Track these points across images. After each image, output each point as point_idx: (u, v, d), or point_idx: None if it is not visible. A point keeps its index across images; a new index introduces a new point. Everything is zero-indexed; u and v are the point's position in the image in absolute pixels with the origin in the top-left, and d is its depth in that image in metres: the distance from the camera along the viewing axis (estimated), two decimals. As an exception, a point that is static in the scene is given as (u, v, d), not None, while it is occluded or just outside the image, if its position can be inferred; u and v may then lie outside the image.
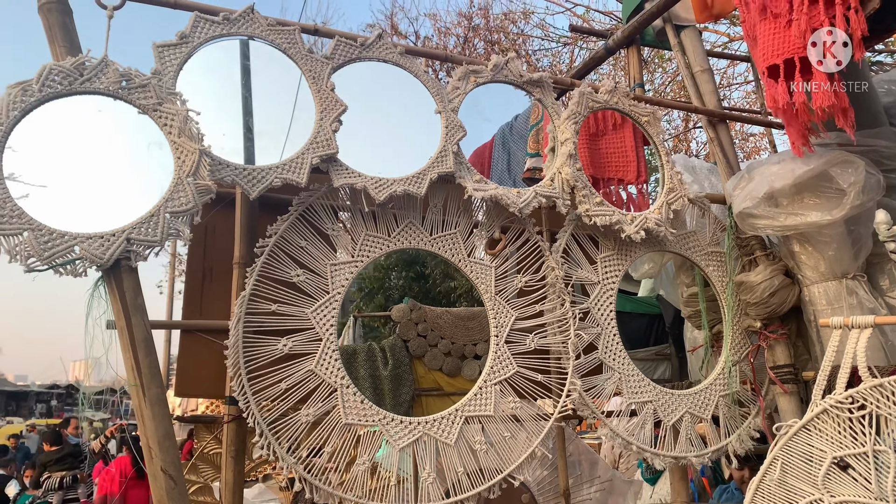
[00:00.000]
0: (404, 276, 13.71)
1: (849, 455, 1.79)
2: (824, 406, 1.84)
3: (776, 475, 1.89)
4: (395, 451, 2.16)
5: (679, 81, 11.11)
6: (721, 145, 2.92)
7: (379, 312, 10.28)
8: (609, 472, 2.87)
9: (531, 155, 3.05)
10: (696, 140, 12.89)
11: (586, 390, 2.42)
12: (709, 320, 2.88)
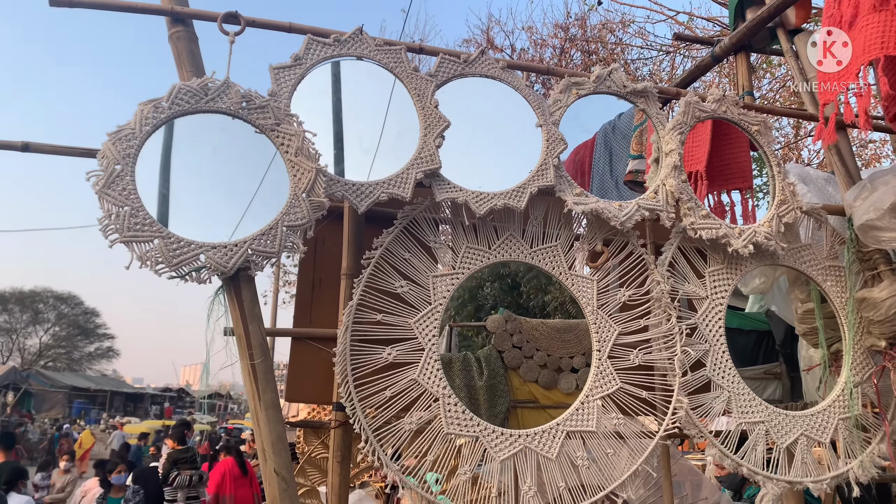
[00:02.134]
0: (497, 287, 13.72)
1: None
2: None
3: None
4: (496, 463, 2.17)
5: (788, 87, 10.58)
6: (840, 153, 2.76)
7: (474, 322, 10.34)
8: (716, 495, 2.75)
9: (634, 157, 2.99)
10: (807, 148, 12.23)
11: (693, 408, 2.34)
12: (826, 338, 2.72)
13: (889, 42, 2.08)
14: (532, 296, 12.30)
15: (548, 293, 12.20)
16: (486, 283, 13.78)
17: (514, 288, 13.04)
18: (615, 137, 3.94)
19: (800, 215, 2.61)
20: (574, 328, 3.27)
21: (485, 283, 13.80)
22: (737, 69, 3.49)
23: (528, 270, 13.63)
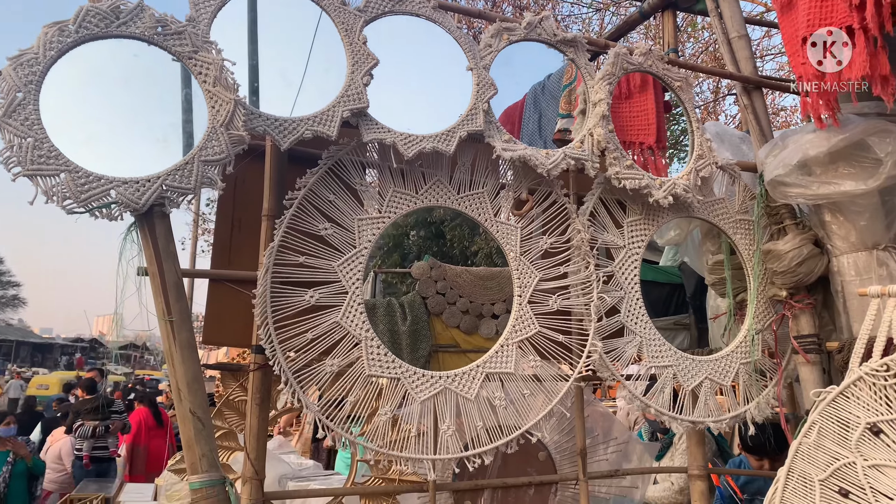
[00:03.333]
0: (423, 236, 13.76)
1: (882, 421, 1.79)
2: (860, 373, 1.84)
3: (814, 438, 1.90)
4: (417, 404, 2.20)
5: (710, 52, 10.88)
6: (755, 113, 2.87)
7: (399, 269, 10.36)
8: (625, 434, 2.90)
9: (563, 116, 3.02)
10: (724, 113, 12.66)
11: (607, 352, 2.43)
12: (733, 288, 2.87)
13: (815, 21, 2.15)
14: (457, 244, 12.40)
15: (472, 242, 12.33)
16: (411, 232, 13.79)
17: (440, 236, 13.11)
18: (544, 98, 3.96)
19: (715, 170, 2.71)
20: (497, 276, 3.32)
21: (410, 232, 13.80)
22: (663, 27, 3.55)
23: (453, 219, 13.69)
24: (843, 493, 1.87)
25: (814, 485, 1.91)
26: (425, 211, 14.73)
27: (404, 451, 2.17)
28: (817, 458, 1.93)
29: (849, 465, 1.86)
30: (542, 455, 2.71)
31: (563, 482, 2.71)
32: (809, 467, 1.94)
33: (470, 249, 11.73)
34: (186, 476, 1.89)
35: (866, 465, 1.83)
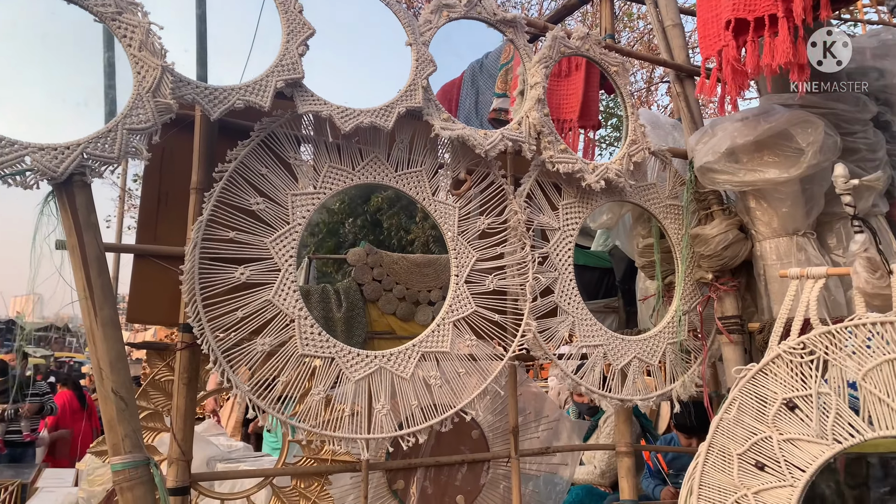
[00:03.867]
0: (359, 224, 13.59)
1: (797, 397, 1.88)
2: (779, 351, 1.92)
3: (734, 414, 1.98)
4: (351, 384, 2.18)
5: (645, 42, 11.12)
6: (687, 101, 2.94)
7: (334, 255, 10.21)
8: (557, 412, 2.95)
9: (499, 95, 3.02)
10: (657, 103, 12.98)
11: (540, 332, 2.46)
12: (662, 271, 2.95)
13: (740, 8, 2.20)
14: (394, 233, 12.31)
15: (409, 230, 12.26)
16: (347, 219, 13.60)
17: (377, 225, 12.98)
18: (482, 76, 3.96)
19: (648, 155, 2.77)
20: (434, 263, 3.31)
21: (346, 219, 13.61)
22: (600, 13, 3.58)
23: (390, 206, 13.56)
24: (760, 466, 1.96)
25: (732, 458, 1.99)
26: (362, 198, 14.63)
27: (338, 430, 2.15)
28: (736, 433, 2.01)
29: (765, 440, 1.95)
30: (475, 433, 2.73)
31: (495, 460, 2.74)
32: (729, 442, 2.02)
33: (407, 238, 11.69)
34: (108, 458, 1.81)
35: (781, 439, 1.91)
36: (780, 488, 1.91)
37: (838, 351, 1.80)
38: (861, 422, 1.77)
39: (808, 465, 1.86)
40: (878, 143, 2.48)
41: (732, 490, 1.99)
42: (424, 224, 12.75)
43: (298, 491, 2.40)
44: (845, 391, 1.79)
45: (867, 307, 1.82)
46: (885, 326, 1.73)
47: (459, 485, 2.67)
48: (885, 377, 1.74)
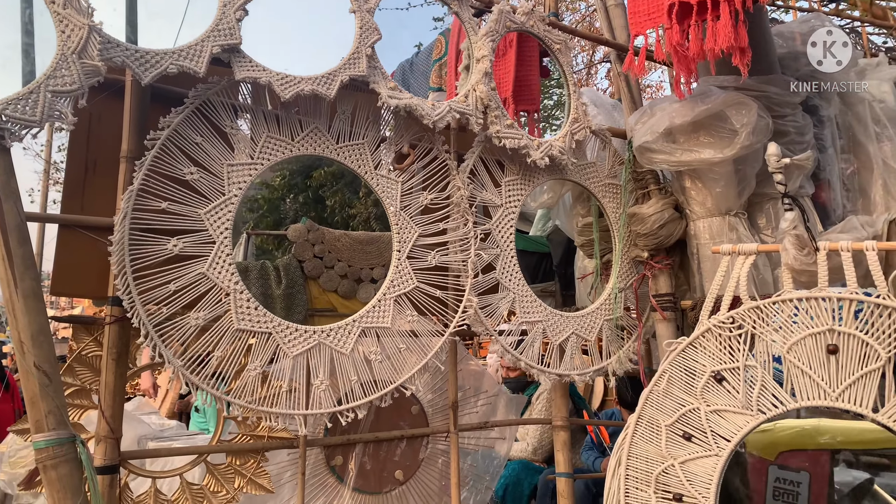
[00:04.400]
0: (300, 201, 13.32)
1: (724, 369, 1.95)
2: (709, 325, 1.98)
3: (663, 386, 2.04)
4: (289, 360, 2.14)
5: (587, 24, 11.23)
6: (627, 81, 2.98)
7: (274, 231, 10.01)
8: (496, 388, 2.99)
9: (434, 89, 3.00)
10: (596, 87, 13.16)
11: (482, 308, 2.47)
12: (600, 250, 3.01)
13: None
14: (336, 210, 12.13)
15: (352, 207, 12.10)
16: (288, 196, 13.31)
17: (319, 202, 12.76)
18: (413, 75, 3.92)
19: (589, 134, 2.80)
20: (376, 240, 3.27)
21: (287, 196, 13.33)
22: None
23: (333, 183, 13.35)
24: (687, 436, 2.03)
25: (660, 430, 2.05)
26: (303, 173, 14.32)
27: (275, 406, 2.11)
28: (665, 405, 2.07)
29: (693, 411, 2.02)
30: (414, 409, 2.73)
31: (434, 435, 2.75)
32: (658, 414, 2.08)
33: (349, 214, 11.52)
34: (30, 436, 1.73)
35: (709, 411, 1.99)
36: (705, 458, 1.99)
37: (765, 325, 1.87)
38: (784, 393, 1.85)
39: (733, 435, 1.93)
40: (807, 126, 2.58)
41: (660, 460, 2.05)
42: (367, 201, 12.62)
43: (234, 468, 2.35)
44: (770, 364, 1.87)
45: (794, 283, 1.89)
46: (810, 302, 1.81)
47: (398, 460, 2.67)
48: (808, 350, 1.82)
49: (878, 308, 1.74)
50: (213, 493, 2.32)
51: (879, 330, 1.73)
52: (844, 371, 1.77)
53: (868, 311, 1.73)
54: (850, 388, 1.76)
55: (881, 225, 2.13)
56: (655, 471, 2.06)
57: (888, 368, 1.70)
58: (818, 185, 2.67)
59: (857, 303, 1.76)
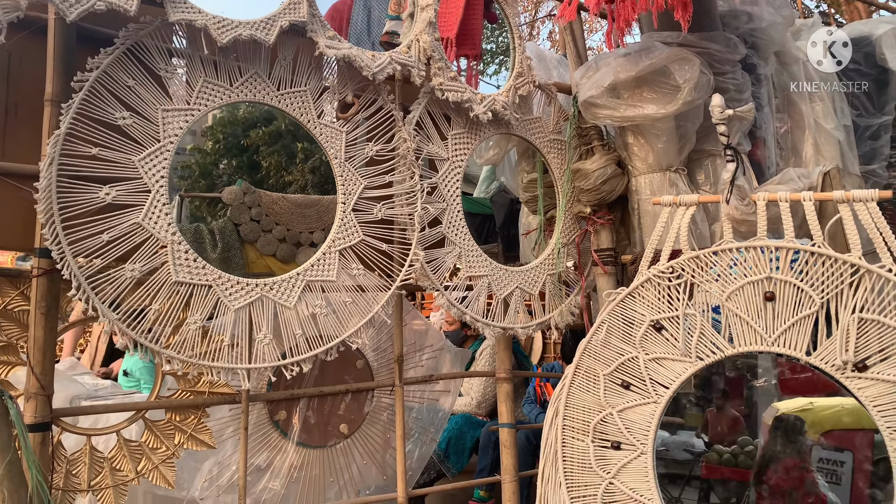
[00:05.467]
0: (234, 164, 12.92)
1: (664, 318, 2.00)
2: (648, 275, 2.03)
3: (602, 336, 2.08)
4: (231, 313, 2.09)
5: (531, -16, 11.15)
6: (573, 35, 2.97)
7: (208, 193, 9.71)
8: (441, 342, 3.00)
9: (391, 17, 2.91)
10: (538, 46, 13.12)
11: (428, 262, 2.47)
12: (544, 205, 3.03)
13: None
14: (272, 174, 11.82)
15: (289, 173, 11.81)
16: (221, 160, 12.88)
17: (253, 167, 12.39)
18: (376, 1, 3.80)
19: (534, 89, 2.79)
20: (316, 203, 3.20)
21: (221, 160, 12.89)
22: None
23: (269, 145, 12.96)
24: (625, 385, 2.08)
25: (598, 379, 2.10)
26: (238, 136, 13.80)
27: (217, 361, 2.06)
28: (604, 355, 2.12)
29: (632, 360, 2.07)
30: (359, 363, 2.73)
31: (379, 388, 2.76)
32: (595, 363, 2.12)
33: (286, 179, 11.26)
34: (-48, 393, 1.64)
35: (647, 359, 2.04)
36: (644, 405, 2.05)
37: (704, 274, 1.93)
38: (723, 340, 1.92)
39: (671, 382, 2.00)
40: (745, 84, 2.64)
41: (598, 409, 2.11)
42: (304, 167, 12.31)
43: (174, 424, 2.31)
44: (709, 312, 1.93)
45: (734, 234, 1.95)
46: (748, 251, 1.87)
47: (343, 414, 2.67)
48: (746, 298, 1.89)
49: (813, 256, 1.81)
50: (153, 450, 2.27)
51: (814, 277, 1.81)
52: (780, 317, 1.85)
53: (803, 260, 1.81)
54: (785, 333, 1.84)
55: (816, 177, 2.21)
56: (593, 420, 2.11)
57: (821, 314, 1.79)
58: (754, 142, 2.75)
59: (794, 252, 1.83)
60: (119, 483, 2.22)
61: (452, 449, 4.22)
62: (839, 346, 1.75)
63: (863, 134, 3.05)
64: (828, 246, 1.80)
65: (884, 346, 1.73)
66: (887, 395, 1.71)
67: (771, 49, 2.83)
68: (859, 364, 1.74)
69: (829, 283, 1.80)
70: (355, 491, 2.65)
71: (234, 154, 12.58)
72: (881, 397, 1.72)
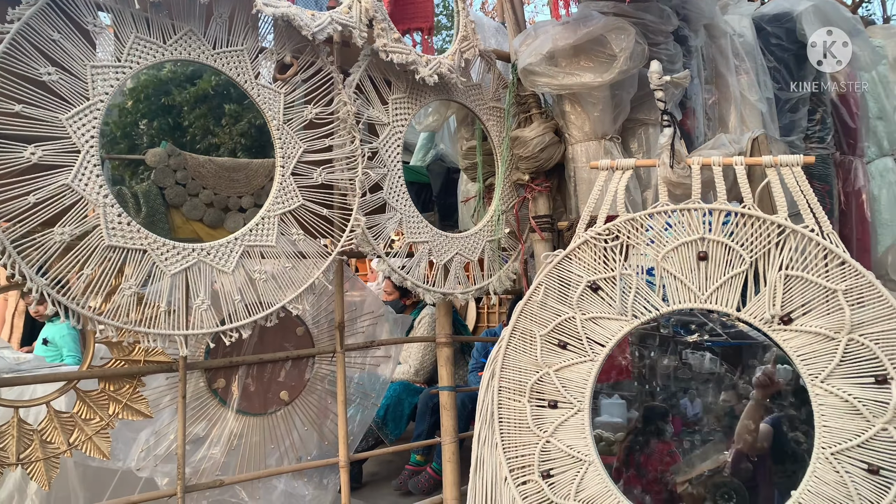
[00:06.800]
0: (157, 127, 12.41)
1: (600, 279, 2.06)
2: (585, 237, 2.09)
3: (539, 298, 2.13)
4: (167, 279, 2.04)
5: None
6: (512, 3, 2.98)
7: (130, 155, 9.31)
8: (381, 308, 3.01)
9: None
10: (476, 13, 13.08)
11: (369, 228, 2.46)
12: (483, 173, 3.06)
13: None
14: (198, 138, 11.42)
15: (216, 135, 11.41)
16: (143, 120, 12.34)
17: (178, 129, 11.95)
18: None
19: (476, 54, 2.79)
20: (245, 167, 3.11)
21: (142, 120, 12.36)
22: None
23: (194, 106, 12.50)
24: (562, 345, 2.15)
25: (535, 340, 2.15)
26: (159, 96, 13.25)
27: (153, 327, 2.01)
28: (540, 316, 2.17)
29: (569, 320, 2.13)
30: (299, 330, 2.71)
31: (320, 356, 2.75)
32: (532, 325, 2.17)
33: (212, 142, 10.90)
34: None
35: (584, 319, 2.11)
36: (580, 364, 2.12)
37: (640, 236, 2.01)
38: (657, 298, 2.00)
39: (607, 340, 2.08)
40: (677, 55, 2.72)
41: (535, 369, 2.16)
42: (232, 131, 11.95)
43: (107, 394, 2.24)
44: (644, 273, 2.01)
45: (669, 197, 2.03)
46: (683, 213, 1.96)
47: (283, 381, 2.65)
48: (680, 258, 1.97)
49: (744, 217, 1.91)
50: (86, 421, 2.20)
51: (744, 237, 1.91)
52: (713, 276, 1.94)
53: (734, 221, 1.90)
54: (717, 290, 1.94)
55: (745, 142, 2.32)
56: (530, 380, 2.17)
57: (750, 272, 1.89)
58: (684, 112, 2.85)
59: (726, 213, 1.92)
60: (50, 456, 2.15)
61: (391, 416, 4.26)
62: (767, 302, 1.87)
63: (783, 107, 3.20)
64: (757, 208, 1.90)
65: (806, 300, 1.85)
66: (809, 346, 1.84)
67: (701, 22, 2.92)
68: (784, 318, 1.85)
69: (758, 243, 1.90)
70: (297, 457, 2.65)
71: (156, 115, 12.07)
72: (803, 347, 1.84)
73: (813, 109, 3.29)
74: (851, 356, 1.80)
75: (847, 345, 1.80)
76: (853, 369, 1.80)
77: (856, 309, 1.79)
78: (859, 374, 1.79)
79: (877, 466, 1.75)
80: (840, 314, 1.80)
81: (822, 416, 1.82)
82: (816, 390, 1.83)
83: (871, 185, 3.64)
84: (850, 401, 1.78)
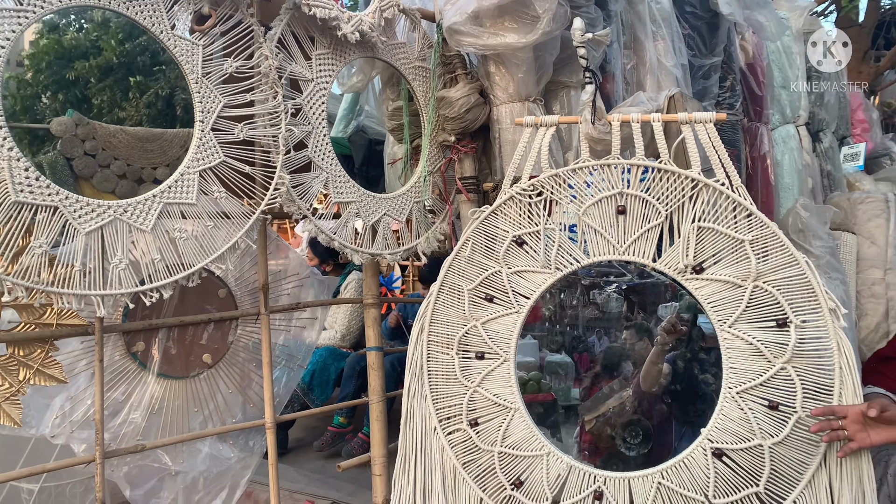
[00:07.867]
0: (61, 99, 11.70)
1: (525, 233, 2.12)
2: (511, 193, 2.13)
3: (466, 253, 2.17)
4: (81, 237, 1.95)
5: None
6: (437, -39, 2.96)
7: (35, 125, 8.76)
8: (306, 270, 2.98)
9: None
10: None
11: (294, 186, 2.42)
12: (410, 134, 3.05)
13: None
14: (105, 111, 10.83)
15: (124, 108, 10.86)
16: (45, 93, 11.60)
17: (84, 101, 11.29)
18: None
19: (398, 13, 2.77)
20: (159, 137, 2.98)
21: (45, 91, 11.61)
22: None
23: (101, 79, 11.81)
24: (489, 298, 2.20)
25: (463, 294, 2.21)
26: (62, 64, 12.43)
27: (68, 287, 1.92)
28: (467, 271, 2.22)
29: (495, 274, 2.19)
30: (222, 292, 2.65)
31: (243, 318, 2.70)
32: (460, 280, 2.22)
33: (119, 115, 10.38)
34: None
35: (510, 272, 2.17)
36: (506, 316, 2.19)
37: (563, 191, 2.07)
38: (579, 251, 2.07)
39: (532, 293, 2.14)
40: (598, 18, 2.78)
41: (462, 323, 2.22)
42: (139, 103, 11.37)
43: (17, 359, 2.14)
44: (567, 228, 2.07)
45: (591, 153, 2.09)
46: (603, 168, 2.02)
47: (206, 343, 2.60)
48: (601, 212, 2.05)
49: (660, 172, 1.99)
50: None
51: (660, 191, 2.00)
52: (630, 229, 2.03)
53: (651, 176, 1.99)
54: (635, 243, 2.02)
55: (662, 100, 2.41)
56: (458, 333, 2.22)
57: (665, 225, 1.99)
58: (604, 76, 2.92)
59: (643, 169, 2.00)
60: (-45, 425, 2.04)
61: (317, 381, 4.26)
62: (681, 253, 1.97)
63: (696, 73, 3.34)
64: (672, 163, 1.99)
65: (717, 250, 1.96)
66: (718, 293, 1.96)
67: (621, -15, 2.99)
68: (696, 267, 1.96)
69: (673, 197, 1.99)
70: (221, 420, 2.61)
71: (59, 87, 11.37)
72: (714, 295, 1.96)
73: (724, 77, 3.45)
74: (756, 302, 1.93)
75: (752, 291, 1.92)
76: (757, 314, 1.93)
77: (761, 258, 1.91)
78: (763, 318, 1.93)
79: (776, 402, 1.89)
80: (747, 263, 1.92)
81: (730, 358, 1.94)
82: (725, 335, 1.95)
83: (774, 151, 3.86)
84: (754, 343, 1.91)
